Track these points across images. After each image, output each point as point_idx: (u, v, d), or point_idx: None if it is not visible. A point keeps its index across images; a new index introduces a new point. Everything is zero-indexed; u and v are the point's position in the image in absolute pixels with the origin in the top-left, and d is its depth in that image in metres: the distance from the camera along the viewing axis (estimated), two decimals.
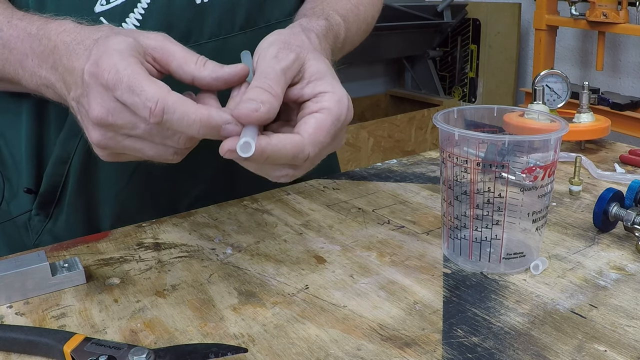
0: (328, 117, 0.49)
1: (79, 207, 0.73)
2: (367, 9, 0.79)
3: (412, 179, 0.85)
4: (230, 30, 0.71)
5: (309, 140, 0.48)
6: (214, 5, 0.68)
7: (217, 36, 0.70)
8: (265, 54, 0.52)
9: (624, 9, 2.26)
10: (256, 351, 0.48)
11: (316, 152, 0.49)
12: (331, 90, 0.51)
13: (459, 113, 0.62)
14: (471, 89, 3.14)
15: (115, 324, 0.51)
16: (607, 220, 0.66)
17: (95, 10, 0.64)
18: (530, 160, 0.56)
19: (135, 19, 0.65)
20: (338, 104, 0.50)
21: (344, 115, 0.51)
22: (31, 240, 0.74)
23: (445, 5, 2.98)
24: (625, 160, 0.90)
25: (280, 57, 0.51)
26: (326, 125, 0.49)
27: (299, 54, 0.52)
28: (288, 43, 0.53)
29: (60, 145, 0.69)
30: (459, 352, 0.47)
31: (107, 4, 0.64)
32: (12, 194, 0.74)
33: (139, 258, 0.63)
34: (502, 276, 0.59)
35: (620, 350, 0.47)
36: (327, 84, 0.51)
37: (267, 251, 0.64)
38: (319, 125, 0.49)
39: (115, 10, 0.64)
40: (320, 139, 0.49)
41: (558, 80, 1.01)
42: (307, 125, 0.49)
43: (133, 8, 0.65)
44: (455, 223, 0.59)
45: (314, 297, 0.55)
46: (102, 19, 0.64)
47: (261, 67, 0.51)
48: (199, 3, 0.67)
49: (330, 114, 0.49)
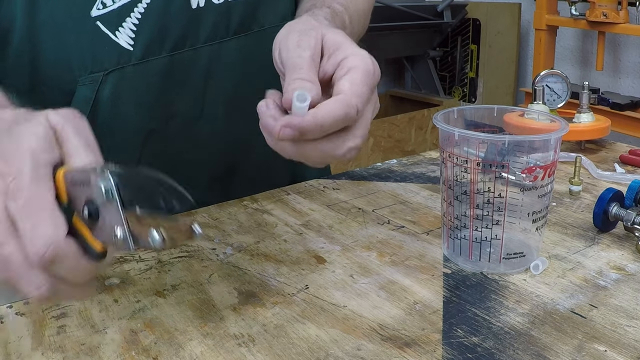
0: (358, 72, 0.49)
1: None
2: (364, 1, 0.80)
3: (412, 179, 0.85)
4: (225, 35, 0.71)
5: (351, 93, 0.47)
6: (210, 10, 0.69)
7: (212, 40, 0.70)
8: (287, 45, 0.51)
9: (624, 9, 2.26)
10: (256, 351, 0.48)
11: (362, 103, 0.48)
12: (351, 53, 0.50)
13: (459, 113, 0.62)
14: (471, 89, 3.14)
15: (115, 324, 0.51)
16: (607, 220, 0.66)
17: (91, 14, 0.64)
18: (530, 160, 0.56)
19: (132, 23, 0.65)
20: (362, 60, 0.50)
21: (372, 69, 0.50)
22: None
23: (445, 5, 2.98)
24: (625, 160, 0.90)
25: (304, 45, 0.51)
26: (359, 78, 0.49)
27: (317, 36, 0.52)
28: (303, 30, 0.53)
29: None
30: (459, 352, 0.47)
31: (103, 8, 0.64)
32: None
33: (139, 258, 0.63)
34: (502, 276, 0.59)
35: (620, 350, 0.47)
36: (345, 49, 0.51)
37: (267, 251, 0.64)
38: (353, 80, 0.48)
39: (111, 15, 0.64)
40: (360, 89, 0.48)
41: (558, 80, 1.01)
42: (343, 83, 0.48)
43: (130, 12, 0.65)
44: (455, 223, 0.59)
45: (314, 297, 0.55)
46: (98, 23, 0.64)
47: (290, 58, 0.50)
48: (195, 8, 0.67)
49: (359, 69, 0.49)
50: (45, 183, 0.40)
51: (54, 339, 0.50)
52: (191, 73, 0.71)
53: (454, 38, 3.17)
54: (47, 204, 0.39)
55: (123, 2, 0.64)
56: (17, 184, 0.39)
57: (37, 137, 0.41)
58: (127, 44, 0.66)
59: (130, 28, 0.65)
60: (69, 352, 0.48)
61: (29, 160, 0.40)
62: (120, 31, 0.65)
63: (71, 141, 0.43)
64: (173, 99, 0.71)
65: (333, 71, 0.50)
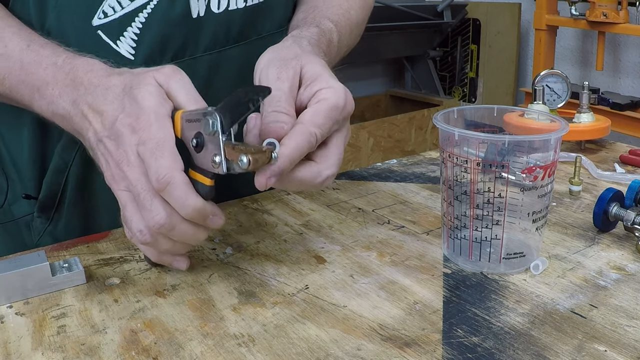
0: (324, 104, 0.53)
1: (76, 214, 0.74)
2: (358, 13, 0.80)
3: (412, 179, 0.85)
4: (225, 44, 0.71)
5: (310, 124, 0.52)
6: (210, 19, 0.69)
7: (211, 49, 0.71)
8: (267, 76, 0.56)
9: (624, 9, 2.26)
10: (256, 351, 0.48)
11: (321, 132, 0.52)
12: (326, 85, 0.54)
13: (459, 113, 0.62)
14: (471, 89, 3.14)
15: (115, 324, 0.51)
16: (607, 220, 0.66)
17: (93, 23, 0.64)
18: (530, 160, 0.56)
19: (133, 33, 0.66)
20: (334, 93, 0.54)
21: (342, 103, 0.54)
22: (33, 241, 0.75)
23: (445, 5, 2.97)
24: (625, 160, 0.90)
25: (283, 77, 0.55)
26: (322, 110, 0.53)
27: (295, 67, 0.56)
28: (284, 59, 0.57)
29: (58, 155, 0.70)
30: (459, 352, 0.47)
31: (104, 18, 0.64)
32: (14, 197, 0.75)
33: (139, 258, 0.63)
34: (502, 276, 0.59)
35: (620, 350, 0.47)
36: (322, 81, 0.55)
37: (267, 251, 0.64)
38: (316, 111, 0.53)
39: (112, 24, 0.65)
40: (321, 120, 0.53)
41: (558, 80, 1.01)
42: (305, 113, 0.53)
43: (131, 22, 0.65)
44: (455, 223, 0.59)
45: (314, 297, 0.55)
46: (99, 33, 0.65)
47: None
48: (195, 17, 0.68)
49: (327, 102, 0.53)
50: (167, 130, 0.50)
51: (54, 339, 0.50)
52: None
53: (454, 38, 3.17)
54: (169, 145, 0.50)
55: (124, 12, 0.64)
56: (147, 134, 0.50)
57: (153, 96, 0.51)
58: (128, 53, 0.66)
59: (132, 37, 0.66)
60: (69, 352, 0.48)
61: (153, 116, 0.50)
62: (121, 40, 0.66)
63: (179, 95, 0.53)
64: None
65: (308, 101, 0.55)
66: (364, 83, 3.31)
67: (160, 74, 0.53)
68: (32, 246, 0.73)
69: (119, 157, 0.51)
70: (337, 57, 0.74)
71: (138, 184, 0.50)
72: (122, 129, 0.51)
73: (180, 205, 0.50)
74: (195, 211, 0.50)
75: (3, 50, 0.60)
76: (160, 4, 0.65)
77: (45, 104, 0.58)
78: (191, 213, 0.50)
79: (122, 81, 0.54)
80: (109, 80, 0.55)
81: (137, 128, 0.50)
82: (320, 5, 0.74)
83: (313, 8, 0.74)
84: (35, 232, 0.74)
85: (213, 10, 0.69)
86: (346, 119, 0.56)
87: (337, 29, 0.71)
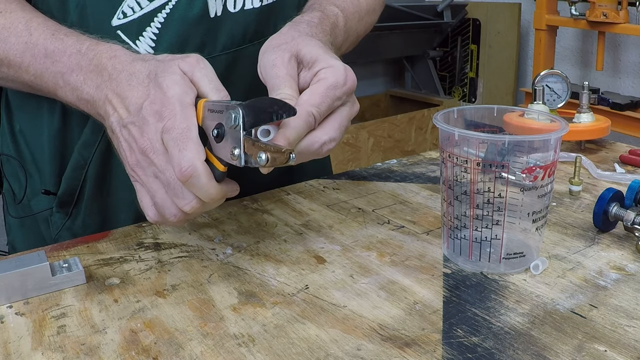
0: (322, 84, 0.54)
1: (95, 210, 0.75)
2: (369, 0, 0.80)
3: (412, 179, 0.85)
4: (242, 42, 0.72)
5: (307, 104, 0.53)
6: (226, 19, 0.70)
7: (228, 49, 0.71)
8: (265, 65, 0.57)
9: (624, 9, 2.26)
10: (256, 351, 0.48)
11: (319, 111, 0.54)
12: (326, 65, 0.55)
13: (459, 113, 0.62)
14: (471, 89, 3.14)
15: (115, 324, 0.51)
16: (607, 220, 0.66)
17: (112, 23, 0.65)
18: (530, 160, 0.56)
19: (152, 33, 0.66)
20: (333, 72, 0.55)
21: (342, 80, 0.55)
22: (51, 235, 0.76)
23: (445, 5, 2.97)
24: (625, 160, 0.90)
25: (278, 64, 0.56)
26: (320, 90, 0.54)
27: (291, 50, 0.57)
28: (279, 45, 0.58)
29: (78, 152, 0.72)
30: (459, 352, 0.47)
31: (124, 18, 0.65)
32: (33, 192, 0.76)
33: (139, 258, 0.63)
34: (502, 276, 0.59)
35: (620, 350, 0.47)
36: (322, 61, 0.56)
37: (267, 251, 0.64)
38: (314, 91, 0.54)
39: (132, 24, 0.66)
40: (319, 100, 0.54)
41: (558, 80, 1.01)
42: (303, 95, 0.55)
43: (150, 22, 0.66)
44: (455, 223, 0.59)
45: (314, 297, 0.55)
46: (119, 32, 0.65)
47: (269, 79, 0.56)
48: (213, 17, 0.68)
49: (325, 82, 0.54)
50: (191, 119, 0.51)
51: (54, 339, 0.50)
52: None
53: (454, 38, 3.17)
54: (193, 135, 0.51)
55: (143, 12, 0.65)
56: (172, 122, 0.51)
57: (178, 85, 0.52)
58: (147, 53, 0.66)
59: (150, 37, 0.67)
60: (69, 352, 0.48)
61: (177, 104, 0.52)
62: (140, 40, 0.66)
63: (203, 84, 0.54)
64: None
65: (310, 81, 0.56)
66: (364, 83, 3.31)
67: (185, 63, 0.54)
68: (51, 241, 0.75)
69: (144, 144, 0.52)
70: (346, 42, 0.75)
71: (167, 171, 0.52)
72: (148, 116, 0.52)
73: (203, 194, 0.52)
74: (215, 199, 0.53)
75: (28, 39, 0.61)
76: (178, 4, 0.66)
77: (69, 90, 0.59)
78: (212, 199, 0.52)
79: (147, 67, 0.55)
80: (133, 66, 0.55)
81: (163, 116, 0.52)
82: None
83: None
84: (54, 227, 0.75)
85: (229, 10, 0.69)
86: (349, 94, 0.56)
87: (344, 15, 0.72)
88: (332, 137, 0.55)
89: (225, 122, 0.51)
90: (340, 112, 0.56)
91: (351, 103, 0.57)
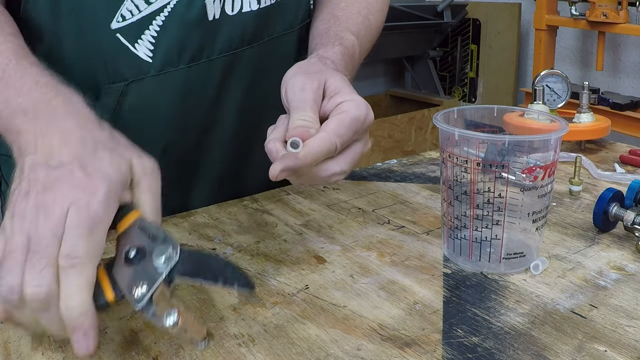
0: (347, 116, 0.55)
1: None
2: (377, 17, 0.82)
3: (412, 179, 0.85)
4: (239, 45, 0.72)
5: (333, 133, 0.54)
6: (225, 21, 0.70)
7: (227, 51, 0.71)
8: (294, 87, 0.57)
9: (624, 9, 2.26)
10: (256, 351, 0.48)
11: (342, 142, 0.54)
12: (349, 98, 0.56)
13: (459, 113, 0.62)
14: (471, 89, 3.14)
15: (115, 324, 0.51)
16: (607, 220, 0.66)
17: (111, 27, 0.65)
18: (530, 160, 0.56)
19: (151, 36, 0.66)
20: (356, 106, 0.56)
21: (363, 116, 0.56)
22: None
23: (445, 5, 2.97)
24: (625, 160, 0.90)
25: (307, 89, 0.56)
26: (346, 121, 0.54)
27: (320, 80, 0.57)
28: (308, 73, 0.58)
29: None
30: (459, 352, 0.47)
31: (123, 21, 0.65)
32: None
33: None
34: (502, 276, 0.59)
35: (620, 350, 0.47)
36: (345, 94, 0.56)
37: (267, 251, 0.64)
38: (339, 121, 0.54)
39: (131, 27, 0.65)
40: (343, 131, 0.54)
41: (558, 80, 1.02)
42: (330, 122, 0.55)
43: (148, 25, 0.66)
44: (455, 223, 0.59)
45: (314, 297, 0.55)
46: (118, 36, 0.65)
47: (295, 100, 0.56)
48: (211, 20, 0.68)
49: (349, 114, 0.55)
50: (108, 212, 0.43)
51: (54, 339, 0.50)
52: (206, 84, 0.72)
53: (454, 38, 3.17)
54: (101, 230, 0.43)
55: (142, 15, 0.65)
56: (88, 200, 0.42)
57: (119, 172, 0.45)
58: (146, 56, 0.67)
59: (149, 40, 0.66)
60: (69, 352, 0.48)
61: (105, 185, 0.43)
62: (139, 43, 0.66)
63: (143, 195, 0.47)
64: (190, 110, 0.73)
65: (330, 111, 0.56)
66: (364, 83, 3.31)
67: (139, 164, 0.47)
68: None
69: (43, 201, 0.43)
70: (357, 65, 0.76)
71: (44, 242, 0.41)
72: (68, 177, 0.44)
73: (67, 295, 0.41)
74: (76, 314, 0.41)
75: None
76: (177, 7, 0.66)
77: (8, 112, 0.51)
78: (70, 312, 0.41)
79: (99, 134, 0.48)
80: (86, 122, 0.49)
81: (83, 187, 0.43)
82: (340, 15, 0.75)
83: (334, 18, 0.74)
84: None
85: (228, 13, 0.69)
86: (366, 131, 0.57)
87: (359, 42, 0.73)
88: (343, 169, 0.56)
89: (148, 250, 0.42)
90: (354, 148, 0.56)
91: (365, 141, 0.58)
